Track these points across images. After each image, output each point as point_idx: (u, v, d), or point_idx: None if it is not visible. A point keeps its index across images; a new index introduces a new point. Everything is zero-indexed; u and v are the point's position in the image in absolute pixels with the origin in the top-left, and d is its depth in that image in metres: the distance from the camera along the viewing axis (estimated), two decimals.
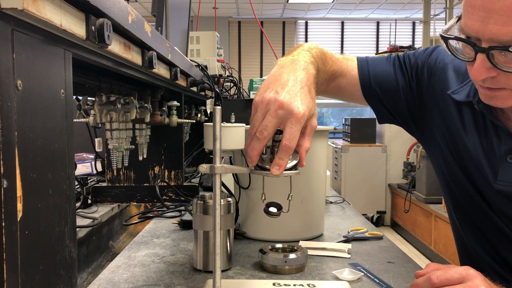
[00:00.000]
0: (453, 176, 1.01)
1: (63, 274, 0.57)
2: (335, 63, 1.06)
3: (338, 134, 6.98)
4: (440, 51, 1.05)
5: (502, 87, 0.79)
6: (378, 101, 1.09)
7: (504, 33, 0.71)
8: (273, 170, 0.77)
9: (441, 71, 1.02)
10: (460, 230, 1.05)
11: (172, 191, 1.67)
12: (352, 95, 1.12)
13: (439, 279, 0.74)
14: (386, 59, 1.11)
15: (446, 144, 1.01)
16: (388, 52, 5.78)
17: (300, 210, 1.30)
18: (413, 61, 1.07)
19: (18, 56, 0.46)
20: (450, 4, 4.84)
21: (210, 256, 1.07)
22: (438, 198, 4.50)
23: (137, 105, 1.26)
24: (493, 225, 0.94)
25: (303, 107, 0.77)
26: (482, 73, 0.77)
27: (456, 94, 0.97)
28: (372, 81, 1.08)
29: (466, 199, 0.99)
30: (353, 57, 1.13)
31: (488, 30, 0.72)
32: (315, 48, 0.98)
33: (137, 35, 0.76)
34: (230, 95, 2.49)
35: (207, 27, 5.01)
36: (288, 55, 0.92)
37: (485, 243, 0.98)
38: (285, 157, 0.76)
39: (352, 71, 1.10)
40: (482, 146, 0.93)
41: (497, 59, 0.75)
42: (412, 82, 1.06)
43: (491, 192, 0.92)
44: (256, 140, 0.77)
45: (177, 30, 1.69)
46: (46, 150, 0.53)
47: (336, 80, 1.09)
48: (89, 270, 1.75)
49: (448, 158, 1.00)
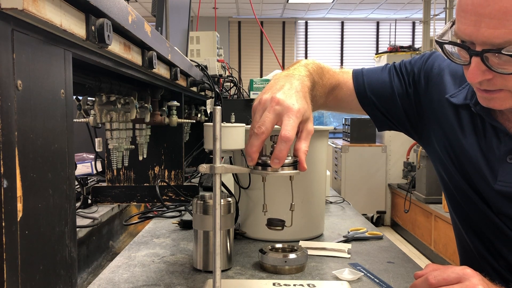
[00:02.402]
0: (452, 178, 1.01)
1: (63, 274, 0.57)
2: (333, 76, 1.11)
3: (338, 134, 6.98)
4: (436, 56, 1.06)
5: (499, 88, 0.80)
6: (375, 109, 1.12)
7: (496, 35, 0.72)
8: (273, 163, 0.77)
9: (437, 76, 1.04)
10: (461, 229, 1.05)
11: (172, 191, 1.67)
12: (350, 105, 1.15)
13: (436, 279, 0.75)
14: (381, 69, 1.14)
15: (444, 148, 1.01)
16: (388, 52, 5.79)
17: (300, 210, 1.30)
18: (409, 68, 1.09)
19: (18, 56, 0.46)
20: (450, 4, 4.84)
21: (210, 256, 1.07)
22: (438, 198, 4.50)
23: (137, 105, 1.26)
24: (493, 225, 0.94)
25: (298, 104, 0.80)
26: (477, 76, 0.78)
27: (453, 98, 0.98)
28: (367, 90, 1.11)
29: (465, 200, 0.99)
30: (349, 70, 1.17)
31: (480, 33, 0.74)
32: (311, 63, 1.03)
33: (137, 35, 0.76)
34: (230, 95, 2.49)
35: (207, 27, 5.02)
36: (284, 71, 0.96)
37: (485, 243, 0.98)
38: (284, 149, 0.77)
39: (347, 82, 1.13)
40: (481, 148, 0.94)
41: (491, 61, 0.76)
42: (409, 88, 1.08)
43: (490, 193, 0.93)
44: (254, 137, 0.78)
45: (177, 30, 1.69)
46: (46, 150, 0.53)
47: (334, 93, 1.13)
48: (89, 270, 1.75)
49: (446, 162, 1.01)
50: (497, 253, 0.96)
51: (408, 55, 5.66)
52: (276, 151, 0.77)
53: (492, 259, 0.97)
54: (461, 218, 1.05)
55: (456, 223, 1.08)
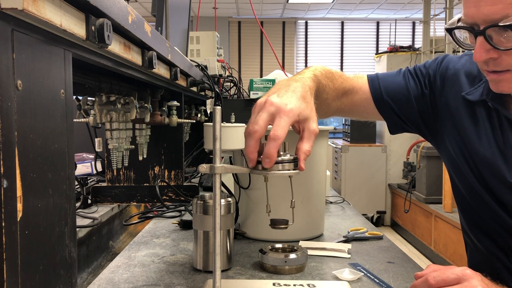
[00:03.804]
0: (462, 178, 1.02)
1: (63, 274, 0.57)
2: (346, 81, 1.12)
3: (338, 134, 6.98)
4: (450, 59, 1.09)
5: (506, 69, 0.83)
6: (391, 111, 1.13)
7: (495, 11, 0.77)
8: (264, 163, 0.77)
9: (453, 77, 1.05)
10: (470, 228, 1.05)
11: (172, 191, 1.67)
12: (366, 110, 1.16)
13: (435, 280, 0.75)
14: (396, 73, 1.16)
15: (457, 147, 1.02)
16: (388, 52, 5.79)
17: (300, 210, 1.30)
18: (424, 71, 1.11)
19: (18, 56, 0.46)
20: (450, 4, 4.83)
21: (210, 256, 1.07)
22: (438, 198, 4.50)
23: (137, 105, 1.26)
24: (505, 223, 0.95)
25: (291, 104, 0.81)
26: (482, 54, 0.82)
27: (470, 95, 1.00)
28: (383, 93, 1.12)
29: (476, 200, 1.00)
30: (364, 75, 1.18)
31: (481, 12, 0.79)
32: (320, 68, 1.04)
33: (137, 35, 0.76)
34: (230, 95, 2.48)
35: (207, 27, 5.02)
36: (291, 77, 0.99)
37: (497, 240, 0.98)
38: (272, 147, 0.77)
39: (363, 87, 1.15)
40: (497, 144, 0.95)
41: (495, 39, 0.80)
42: (425, 90, 1.09)
43: (504, 190, 0.93)
44: (248, 136, 0.78)
45: (177, 30, 1.69)
46: (46, 150, 0.53)
47: (349, 97, 1.14)
48: (89, 270, 1.75)
49: (458, 162, 1.02)
50: (510, 251, 0.96)
51: (408, 55, 5.66)
52: (265, 150, 0.77)
53: (505, 257, 0.97)
54: (471, 218, 1.05)
55: (465, 223, 1.08)
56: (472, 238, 1.05)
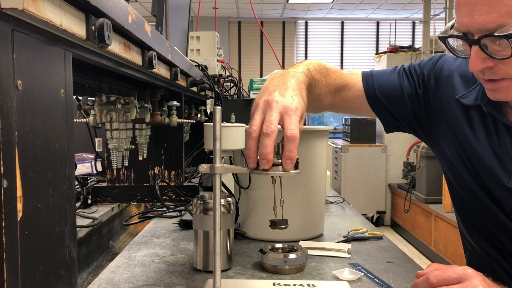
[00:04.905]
0: (459, 179, 1.02)
1: (63, 274, 0.57)
2: (340, 77, 1.12)
3: (338, 134, 6.98)
4: (445, 59, 1.08)
5: (502, 77, 0.82)
6: (384, 109, 1.12)
7: (489, 21, 0.76)
8: (286, 164, 0.77)
9: (447, 78, 1.04)
10: (467, 230, 1.05)
11: (172, 191, 1.67)
12: (359, 106, 1.16)
13: (436, 278, 0.75)
14: (390, 71, 1.15)
15: (454, 149, 1.01)
16: (388, 52, 5.79)
17: (300, 210, 1.30)
18: (419, 70, 1.10)
19: (18, 56, 0.46)
20: (450, 4, 4.83)
21: (210, 256, 1.07)
22: (438, 198, 4.50)
23: (137, 105, 1.26)
24: (503, 225, 0.94)
25: (295, 102, 0.82)
26: (478, 64, 0.81)
27: (464, 99, 1.00)
28: (377, 91, 1.12)
29: (473, 201, 0.99)
30: (358, 71, 1.18)
31: (475, 21, 0.77)
32: (314, 62, 1.05)
33: (137, 35, 0.76)
34: (230, 95, 2.49)
35: (207, 27, 5.02)
36: (283, 70, 0.98)
37: (494, 243, 0.98)
38: (293, 148, 0.77)
39: (357, 84, 1.14)
40: (493, 148, 0.94)
41: (490, 48, 0.79)
42: (419, 89, 1.08)
43: (502, 193, 0.93)
44: (266, 137, 0.78)
45: (177, 30, 1.69)
46: (46, 150, 0.53)
47: (342, 93, 1.14)
48: (89, 270, 1.75)
49: (455, 163, 1.01)
50: (507, 253, 0.96)
51: (408, 55, 5.66)
52: (286, 151, 0.77)
53: (503, 259, 0.97)
54: (468, 219, 1.04)
55: (462, 225, 1.08)
56: (469, 240, 1.05)
